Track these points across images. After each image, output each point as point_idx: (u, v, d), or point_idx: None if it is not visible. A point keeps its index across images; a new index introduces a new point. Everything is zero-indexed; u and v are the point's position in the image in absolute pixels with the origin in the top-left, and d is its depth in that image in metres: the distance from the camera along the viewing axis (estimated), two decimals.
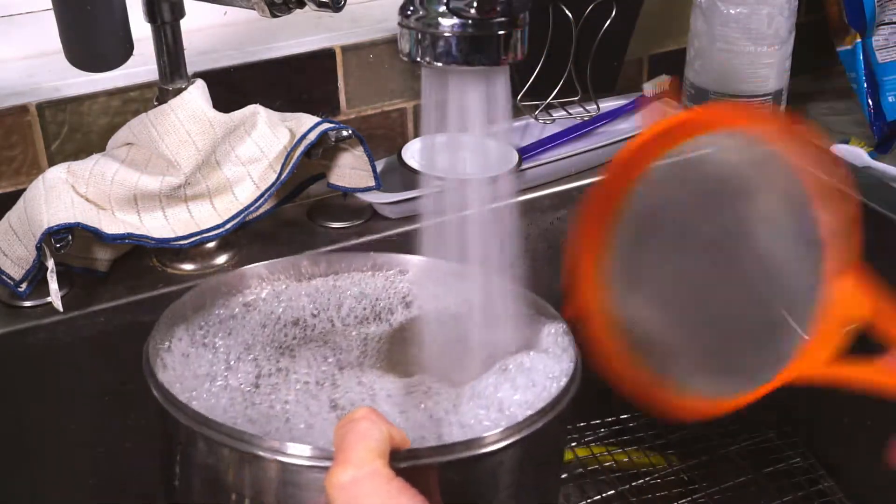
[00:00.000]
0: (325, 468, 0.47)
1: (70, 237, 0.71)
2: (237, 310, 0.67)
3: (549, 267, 0.96)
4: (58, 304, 0.73)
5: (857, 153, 0.96)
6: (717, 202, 0.54)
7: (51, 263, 0.72)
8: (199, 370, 0.61)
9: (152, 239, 0.76)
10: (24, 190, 0.75)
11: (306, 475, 0.50)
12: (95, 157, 0.78)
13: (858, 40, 1.01)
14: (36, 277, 0.74)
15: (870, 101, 1.01)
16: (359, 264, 0.71)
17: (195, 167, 0.77)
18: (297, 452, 0.50)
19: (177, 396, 0.55)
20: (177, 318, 0.64)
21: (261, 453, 0.51)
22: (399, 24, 0.54)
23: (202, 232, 0.78)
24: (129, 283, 0.78)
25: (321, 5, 0.65)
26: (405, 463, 0.48)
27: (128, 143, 0.78)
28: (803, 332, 0.45)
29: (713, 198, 0.54)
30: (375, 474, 0.45)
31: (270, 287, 0.69)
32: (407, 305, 0.69)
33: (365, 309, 0.69)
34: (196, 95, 0.78)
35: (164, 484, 0.59)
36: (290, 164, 0.80)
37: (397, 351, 0.66)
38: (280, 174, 0.80)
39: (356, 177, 0.84)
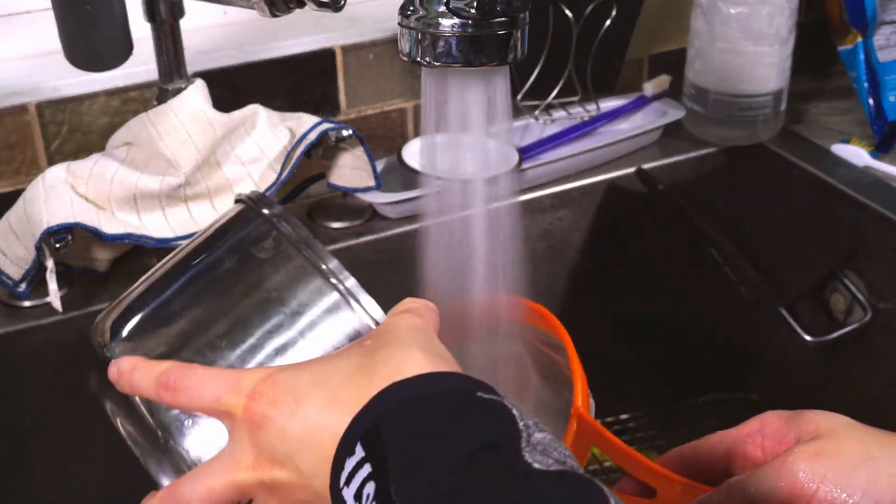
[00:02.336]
0: None
1: (70, 237, 0.71)
2: None
3: (550, 267, 0.96)
4: (57, 305, 0.72)
5: (857, 153, 0.96)
6: None
7: (50, 263, 0.71)
8: None
9: (152, 239, 0.76)
10: (24, 190, 0.75)
11: None
12: (95, 156, 0.78)
13: (859, 40, 1.01)
14: (35, 277, 0.74)
15: (871, 101, 1.01)
16: None
17: (195, 167, 0.77)
18: None
19: None
20: None
21: None
22: (399, 24, 0.54)
23: None
24: (128, 283, 0.77)
25: (321, 5, 0.65)
26: None
27: (127, 143, 0.78)
28: None
29: None
30: None
31: None
32: None
33: None
34: (196, 95, 0.78)
35: None
36: (290, 164, 0.80)
37: None
38: (280, 174, 0.80)
39: (356, 177, 0.84)
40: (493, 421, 0.38)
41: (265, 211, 0.56)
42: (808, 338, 0.90)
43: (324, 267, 0.53)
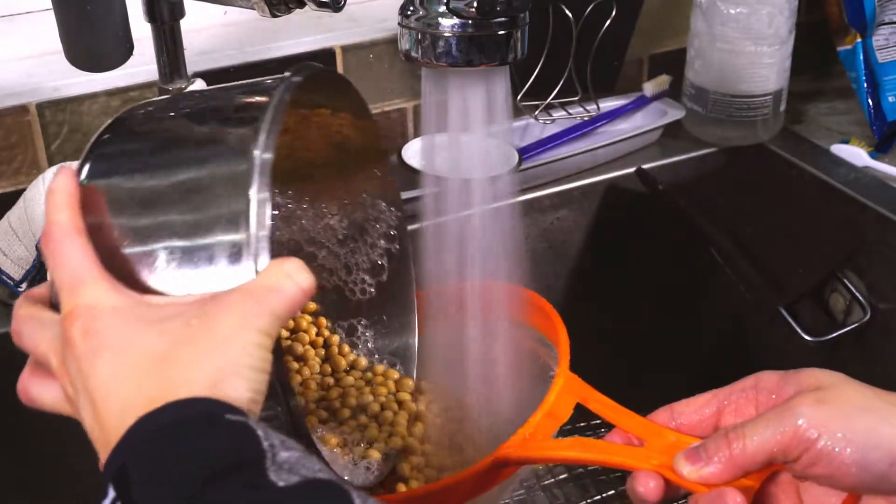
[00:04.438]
0: None
1: None
2: None
3: (550, 267, 0.96)
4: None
5: (857, 153, 0.96)
6: None
7: None
8: None
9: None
10: (24, 190, 0.75)
11: None
12: None
13: (859, 40, 1.01)
14: (36, 277, 0.74)
15: (870, 101, 1.01)
16: None
17: None
18: None
19: None
20: None
21: None
22: (399, 24, 0.54)
23: None
24: None
25: (321, 5, 0.65)
26: None
27: None
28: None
29: None
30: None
31: None
32: None
33: None
34: None
35: None
36: None
37: None
38: None
39: None
40: (237, 442, 0.38)
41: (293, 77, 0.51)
42: (807, 338, 0.90)
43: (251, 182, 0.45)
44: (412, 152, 0.90)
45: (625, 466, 0.52)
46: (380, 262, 0.66)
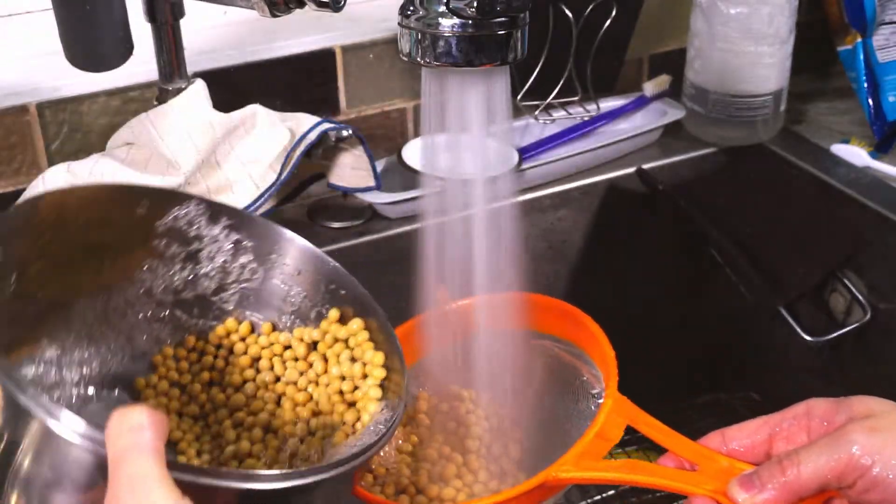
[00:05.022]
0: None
1: None
2: None
3: (549, 267, 0.96)
4: None
5: (857, 153, 0.96)
6: None
7: None
8: None
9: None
10: (24, 190, 0.75)
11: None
12: (95, 157, 0.78)
13: (859, 40, 1.01)
14: None
15: (870, 101, 1.01)
16: None
17: (195, 167, 0.77)
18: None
19: None
20: None
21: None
22: (399, 24, 0.54)
23: None
24: None
25: (321, 5, 0.65)
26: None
27: (128, 143, 0.78)
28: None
29: None
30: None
31: None
32: None
33: None
34: (196, 95, 0.78)
35: None
36: (290, 164, 0.80)
37: None
38: (280, 174, 0.80)
39: (356, 177, 0.84)
40: None
41: None
42: (808, 338, 0.90)
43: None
44: (412, 152, 0.90)
45: (678, 490, 0.53)
46: (230, 245, 0.62)
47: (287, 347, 0.63)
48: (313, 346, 0.62)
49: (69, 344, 0.57)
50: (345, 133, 0.81)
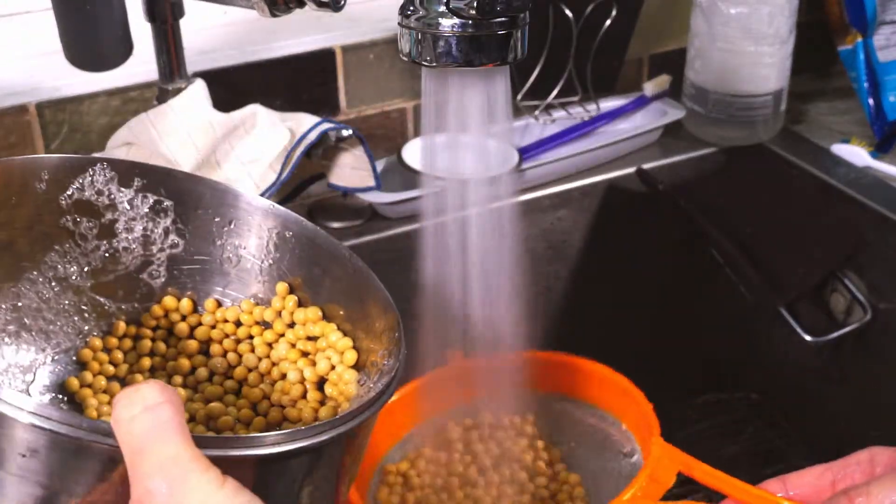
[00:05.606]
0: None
1: None
2: None
3: (549, 267, 0.96)
4: None
5: (857, 153, 0.96)
6: None
7: None
8: None
9: None
10: None
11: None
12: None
13: (859, 40, 1.01)
14: None
15: (871, 101, 1.01)
16: None
17: (195, 167, 0.77)
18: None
19: None
20: None
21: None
22: (399, 24, 0.54)
23: None
24: None
25: (321, 5, 0.65)
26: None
27: (127, 143, 0.78)
28: None
29: None
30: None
31: None
32: None
33: None
34: (196, 95, 0.78)
35: None
36: (291, 164, 0.80)
37: None
38: (280, 174, 0.80)
39: (356, 177, 0.84)
40: None
41: None
42: (808, 338, 0.90)
43: None
44: (412, 152, 0.90)
45: None
46: (147, 209, 0.55)
47: (238, 324, 0.56)
48: (266, 325, 0.55)
49: None
50: (345, 133, 0.81)
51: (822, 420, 0.97)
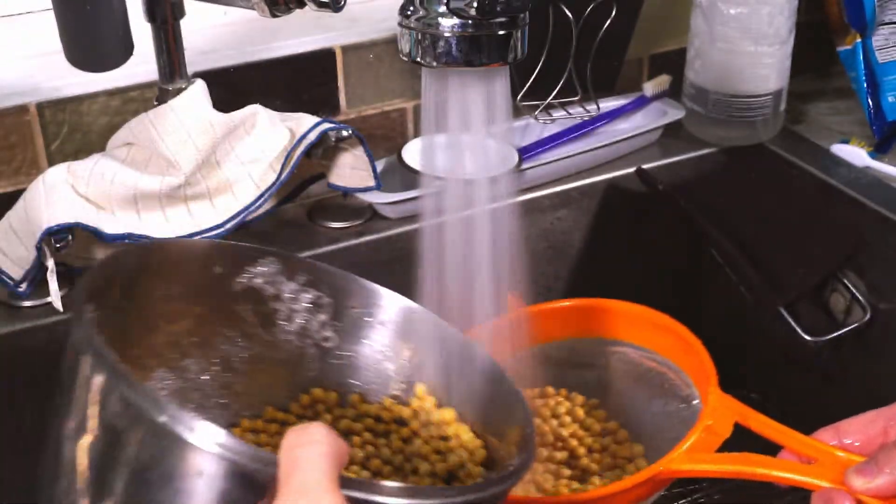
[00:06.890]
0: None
1: (70, 237, 0.72)
2: None
3: (550, 267, 0.96)
4: (58, 304, 0.73)
5: (857, 153, 0.96)
6: None
7: (51, 263, 0.72)
8: None
9: (152, 238, 0.76)
10: (24, 190, 0.75)
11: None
12: (95, 157, 0.78)
13: (858, 40, 1.01)
14: (36, 277, 0.74)
15: (870, 101, 1.01)
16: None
17: (195, 167, 0.77)
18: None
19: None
20: None
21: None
22: (399, 24, 0.54)
23: (202, 231, 0.78)
24: None
25: (321, 5, 0.65)
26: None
27: (128, 143, 0.78)
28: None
29: None
30: None
31: None
32: None
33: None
34: (196, 95, 0.78)
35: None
36: (290, 164, 0.80)
37: None
38: (280, 174, 0.80)
39: (356, 177, 0.84)
40: None
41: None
42: (808, 338, 0.90)
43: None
44: (412, 152, 0.90)
45: (797, 483, 0.53)
46: (308, 304, 0.59)
47: (378, 420, 0.59)
48: (402, 423, 0.59)
49: None
50: (345, 133, 0.81)
51: (822, 420, 0.97)
